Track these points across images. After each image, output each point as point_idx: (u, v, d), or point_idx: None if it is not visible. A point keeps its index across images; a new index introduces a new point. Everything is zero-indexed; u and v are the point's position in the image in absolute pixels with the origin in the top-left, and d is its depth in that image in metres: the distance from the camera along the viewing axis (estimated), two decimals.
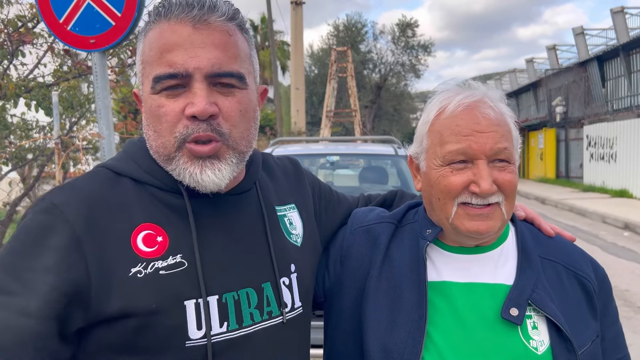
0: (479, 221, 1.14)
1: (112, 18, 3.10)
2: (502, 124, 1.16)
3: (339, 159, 6.15)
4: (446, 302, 1.18)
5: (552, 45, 27.64)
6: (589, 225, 12.11)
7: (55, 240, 0.95)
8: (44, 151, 6.13)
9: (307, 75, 34.60)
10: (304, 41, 25.21)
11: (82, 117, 6.23)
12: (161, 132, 1.03)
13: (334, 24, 38.79)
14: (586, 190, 18.88)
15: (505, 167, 1.15)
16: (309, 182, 1.41)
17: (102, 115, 3.33)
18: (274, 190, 1.26)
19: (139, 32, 1.09)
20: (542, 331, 1.15)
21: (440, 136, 1.18)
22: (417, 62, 37.24)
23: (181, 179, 1.05)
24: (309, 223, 1.32)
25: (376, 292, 1.22)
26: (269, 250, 1.14)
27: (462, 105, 1.16)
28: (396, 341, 1.15)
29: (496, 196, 1.14)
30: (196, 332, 1.00)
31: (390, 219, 1.35)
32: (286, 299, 1.14)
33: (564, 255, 1.26)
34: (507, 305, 1.14)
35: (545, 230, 1.32)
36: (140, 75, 1.07)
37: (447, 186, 1.15)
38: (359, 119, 25.41)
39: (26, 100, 4.70)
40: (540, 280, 1.19)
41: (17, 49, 4.43)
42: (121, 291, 0.96)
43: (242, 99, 1.05)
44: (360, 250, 1.31)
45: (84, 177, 1.08)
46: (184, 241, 1.03)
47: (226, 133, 1.03)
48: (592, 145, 20.01)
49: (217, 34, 1.02)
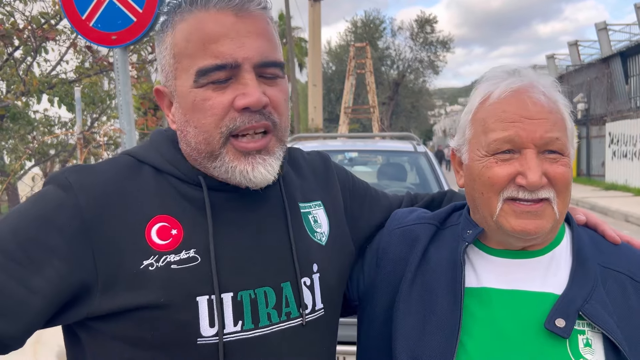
0: (527, 219, 1.02)
1: (134, 14, 3.13)
2: (555, 112, 1.04)
3: (357, 156, 6.12)
4: (484, 310, 1.08)
5: (573, 41, 27.17)
6: (611, 224, 11.81)
7: (63, 221, 0.94)
8: (65, 147, 6.22)
9: (324, 72, 34.53)
10: (321, 38, 25.17)
11: (103, 113, 6.31)
12: (205, 127, 0.99)
13: (352, 20, 38.64)
14: (608, 189, 18.54)
15: (557, 159, 1.03)
16: (340, 178, 1.34)
17: (124, 111, 3.36)
18: (299, 186, 1.22)
19: (162, 25, 1.04)
20: (598, 350, 1.01)
21: (484, 124, 1.07)
22: (436, 59, 36.94)
23: (229, 176, 1.02)
24: (337, 221, 1.25)
25: (409, 297, 1.14)
26: (290, 249, 1.09)
27: (509, 90, 1.06)
28: (426, 350, 1.06)
29: (546, 191, 1.02)
30: (208, 329, 0.97)
31: (431, 219, 1.25)
32: (307, 300, 1.09)
33: (631, 265, 1.10)
34: (552, 315, 1.01)
35: (609, 237, 1.17)
36: (173, 69, 1.02)
37: (491, 178, 1.04)
38: (377, 115, 25.31)
39: (49, 97, 4.77)
40: (597, 290, 1.05)
41: (41, 46, 4.50)
42: (130, 284, 0.95)
43: (284, 87, 1.04)
44: (396, 253, 1.22)
45: (106, 161, 1.07)
46: (199, 235, 1.01)
47: (277, 122, 1.02)
48: (614, 143, 19.64)
49: (260, 22, 1.00)
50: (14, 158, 5.02)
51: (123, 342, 0.97)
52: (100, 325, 0.97)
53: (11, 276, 0.91)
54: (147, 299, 0.95)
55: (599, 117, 21.98)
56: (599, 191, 18.14)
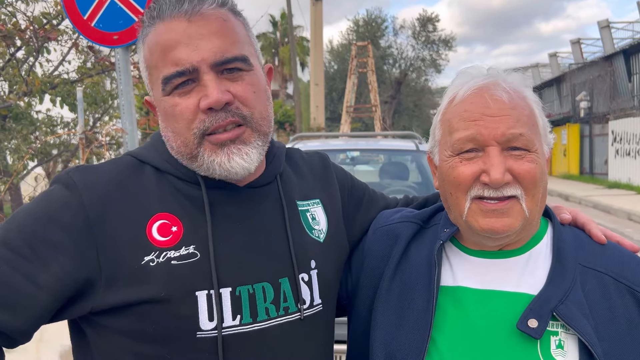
0: (494, 218, 1.02)
1: (135, 14, 3.13)
2: (519, 108, 1.03)
3: (359, 155, 6.11)
4: (458, 309, 1.09)
5: (576, 39, 27.10)
6: (614, 222, 11.87)
7: (68, 219, 0.98)
8: (68, 147, 6.23)
9: (326, 71, 34.52)
10: (323, 37, 25.17)
11: (105, 113, 6.32)
12: (179, 130, 1.03)
13: (353, 19, 38.59)
14: (611, 187, 18.49)
15: (523, 156, 1.02)
16: (339, 178, 1.37)
17: (126, 111, 3.37)
18: (297, 185, 1.24)
19: (138, 40, 1.09)
20: (570, 353, 0.99)
21: (449, 124, 1.08)
22: (438, 57, 36.91)
23: (210, 173, 1.05)
24: (335, 219, 1.28)
25: (388, 293, 1.16)
26: (288, 245, 1.12)
27: (471, 89, 1.06)
28: (400, 346, 1.08)
29: (512, 188, 1.01)
30: (207, 323, 1.00)
31: (414, 218, 1.26)
32: (304, 296, 1.12)
33: (615, 266, 1.07)
34: (525, 315, 1.00)
35: (595, 236, 1.14)
36: (148, 81, 1.08)
37: (457, 177, 1.05)
38: (379, 114, 25.29)
39: (51, 97, 4.78)
40: (574, 291, 1.03)
41: (43, 46, 4.51)
42: (132, 279, 0.98)
43: (252, 80, 1.05)
44: (379, 251, 1.24)
45: (109, 162, 1.11)
46: (198, 232, 1.04)
47: (247, 116, 1.03)
48: (617, 141, 19.59)
49: (213, 22, 1.02)
50: (16, 158, 5.04)
51: (126, 336, 1.00)
52: (104, 319, 1.00)
53: (18, 272, 0.94)
54: (148, 294, 0.98)
55: (601, 115, 21.92)
56: (601, 189, 18.10)
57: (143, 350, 1.00)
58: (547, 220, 1.19)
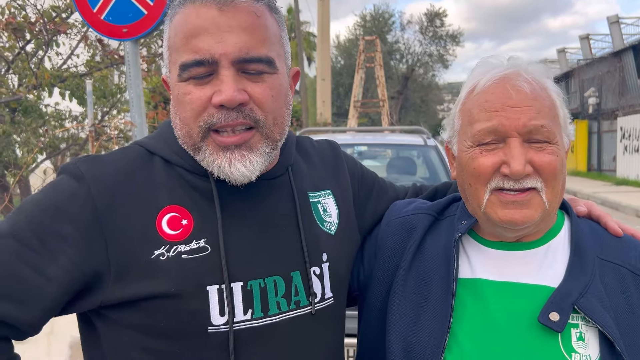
0: (514, 209, 1.01)
1: (145, 7, 3.13)
2: (540, 99, 1.02)
3: (366, 149, 6.10)
4: (477, 301, 1.08)
5: (585, 34, 26.88)
6: (622, 219, 11.76)
7: (76, 210, 0.96)
8: (76, 140, 6.26)
9: (333, 66, 34.43)
10: (330, 32, 25.10)
11: (113, 107, 6.34)
12: (186, 120, 1.00)
13: (361, 14, 38.49)
14: (619, 184, 18.36)
15: (543, 148, 1.01)
16: (350, 167, 1.34)
17: (135, 104, 3.37)
18: (308, 175, 1.22)
19: (166, 17, 1.05)
20: (591, 345, 0.99)
21: (470, 114, 1.07)
22: (445, 53, 36.72)
23: (210, 170, 1.02)
24: (346, 211, 1.26)
25: (404, 286, 1.14)
26: (300, 238, 1.10)
27: (493, 79, 1.04)
28: (418, 339, 1.07)
29: (533, 180, 1.00)
30: (219, 318, 0.99)
31: (428, 210, 1.25)
32: (316, 289, 1.10)
33: (632, 258, 1.07)
34: (547, 308, 1.00)
35: (612, 229, 1.13)
36: (167, 62, 1.04)
37: (477, 169, 1.03)
38: (387, 109, 25.22)
39: (60, 90, 4.80)
40: (594, 284, 1.03)
41: (52, 39, 4.52)
42: (142, 273, 0.96)
43: (273, 83, 1.01)
44: (393, 243, 1.23)
45: (117, 151, 1.08)
46: (209, 226, 1.02)
47: (261, 120, 0.99)
48: (626, 138, 19.44)
49: (244, 15, 0.97)
50: (26, 151, 5.06)
51: (136, 331, 0.99)
52: (114, 313, 0.98)
53: (27, 264, 0.93)
54: (158, 289, 0.96)
55: (610, 111, 21.75)
56: (610, 186, 17.98)
57: (153, 345, 0.99)
58: (563, 212, 1.18)
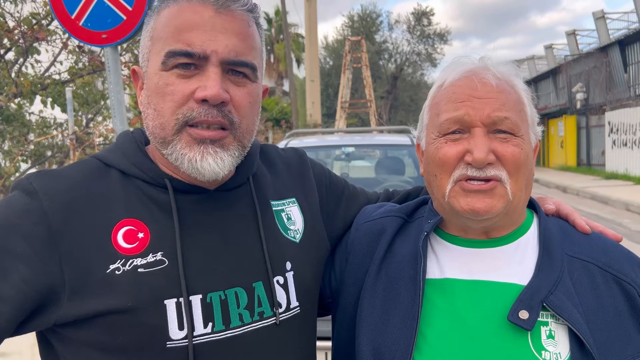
0: (476, 198, 1.01)
1: (123, 12, 3.09)
2: (506, 92, 1.04)
3: (354, 150, 6.10)
4: (446, 301, 1.07)
5: (571, 30, 27.10)
6: (612, 213, 11.88)
7: (29, 227, 0.93)
8: (62, 148, 6.19)
9: (322, 67, 34.50)
10: (318, 33, 25.13)
11: (98, 114, 6.28)
12: (162, 111, 0.99)
13: (348, 14, 38.56)
14: (609, 178, 18.52)
15: (508, 139, 1.02)
16: (316, 174, 1.34)
17: (116, 111, 3.33)
18: (272, 184, 1.21)
19: (151, 10, 1.06)
20: (561, 342, 0.99)
21: (437, 107, 1.09)
22: (434, 51, 36.92)
23: (178, 164, 1.01)
24: (312, 218, 1.25)
25: (373, 289, 1.13)
26: (262, 248, 1.09)
27: (461, 73, 1.07)
28: (388, 342, 1.06)
29: (495, 169, 1.01)
30: (177, 332, 0.96)
31: (398, 212, 1.24)
32: (280, 299, 1.08)
33: (601, 255, 1.08)
34: (516, 307, 1.00)
35: (580, 226, 1.14)
36: (147, 51, 1.03)
37: (442, 158, 1.05)
38: (374, 109, 25.29)
39: (42, 98, 4.74)
40: (563, 281, 1.03)
41: (31, 46, 4.46)
42: (97, 289, 0.94)
43: (252, 91, 1.04)
44: (363, 246, 1.22)
45: (73, 165, 1.06)
46: (166, 238, 1.00)
47: (236, 122, 1.01)
48: (614, 132, 19.62)
49: (239, 22, 1.01)
50: (8, 160, 4.99)
51: (94, 349, 0.96)
52: (70, 331, 0.96)
53: None
54: (114, 304, 0.94)
55: (598, 106, 21.94)
56: (599, 180, 18.13)
57: None
58: (532, 212, 1.18)
